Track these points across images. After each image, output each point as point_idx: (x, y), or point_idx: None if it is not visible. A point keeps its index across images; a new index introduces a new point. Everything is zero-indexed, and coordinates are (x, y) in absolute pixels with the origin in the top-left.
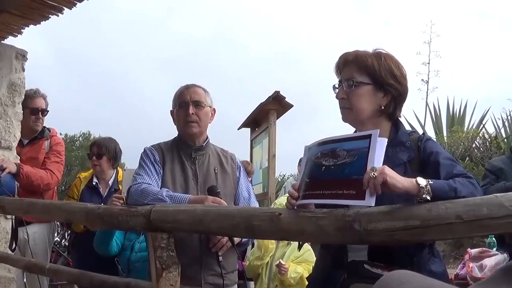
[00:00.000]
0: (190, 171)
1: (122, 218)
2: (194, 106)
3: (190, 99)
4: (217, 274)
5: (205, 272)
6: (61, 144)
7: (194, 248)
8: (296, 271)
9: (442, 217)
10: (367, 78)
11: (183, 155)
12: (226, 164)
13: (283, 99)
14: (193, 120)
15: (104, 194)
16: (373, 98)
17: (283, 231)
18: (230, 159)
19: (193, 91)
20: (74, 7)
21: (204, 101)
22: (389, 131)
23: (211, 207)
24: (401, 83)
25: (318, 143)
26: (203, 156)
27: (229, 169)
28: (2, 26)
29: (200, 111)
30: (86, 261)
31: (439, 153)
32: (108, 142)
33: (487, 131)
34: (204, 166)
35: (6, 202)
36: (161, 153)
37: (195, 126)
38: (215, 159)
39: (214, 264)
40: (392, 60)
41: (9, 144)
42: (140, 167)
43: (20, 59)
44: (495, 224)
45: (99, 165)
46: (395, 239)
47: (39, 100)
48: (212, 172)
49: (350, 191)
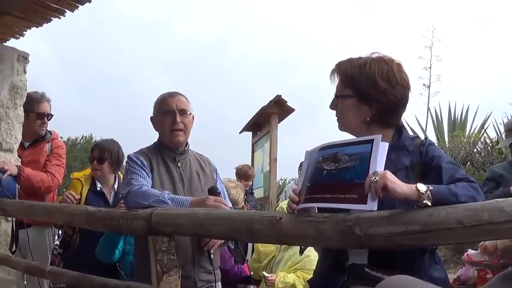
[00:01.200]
0: (176, 174)
1: (123, 221)
2: (180, 114)
3: (176, 108)
4: (208, 271)
5: (198, 270)
6: (62, 147)
7: (187, 248)
8: (284, 281)
9: (442, 222)
10: (350, 91)
11: (168, 159)
12: (205, 166)
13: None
14: (180, 128)
15: (110, 200)
16: (358, 110)
17: (283, 235)
18: (207, 162)
19: (178, 99)
20: (76, 9)
21: (188, 109)
22: (391, 137)
23: (212, 211)
24: (388, 94)
25: (319, 148)
26: (185, 159)
27: (208, 172)
28: (4, 28)
29: (185, 119)
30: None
31: (442, 157)
32: (111, 145)
33: (488, 136)
34: (188, 169)
35: (7, 204)
36: (147, 158)
37: (181, 135)
38: (195, 162)
39: (205, 262)
40: (378, 68)
41: (10, 146)
42: (131, 172)
43: (22, 61)
44: (496, 230)
45: (100, 170)
46: (395, 244)
47: (45, 105)
48: (195, 174)
49: (352, 195)
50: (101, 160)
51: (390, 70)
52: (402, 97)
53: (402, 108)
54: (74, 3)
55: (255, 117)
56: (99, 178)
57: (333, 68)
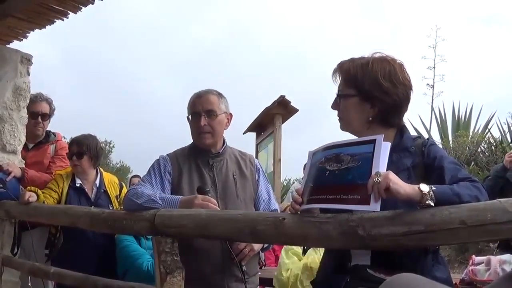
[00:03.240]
0: (209, 178)
1: (127, 223)
2: (207, 116)
3: (202, 109)
4: (240, 280)
5: (228, 279)
6: (66, 148)
7: (217, 256)
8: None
9: (445, 222)
10: (352, 90)
11: (200, 162)
12: (245, 167)
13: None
14: (206, 131)
15: (92, 196)
16: (360, 109)
17: (287, 236)
18: (249, 162)
19: (205, 100)
20: (79, 11)
21: (217, 109)
22: (393, 137)
23: (215, 212)
24: (390, 93)
25: (322, 148)
26: (221, 162)
27: (248, 173)
28: (8, 30)
29: (213, 121)
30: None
31: (443, 157)
32: (89, 140)
33: (492, 136)
34: (223, 172)
35: (11, 206)
36: (177, 163)
37: (209, 137)
38: (233, 163)
39: (237, 271)
40: (381, 67)
41: (14, 148)
42: (148, 174)
43: (25, 63)
44: (499, 229)
45: (80, 165)
46: (398, 244)
47: (39, 105)
48: (231, 177)
49: (355, 196)
50: (80, 154)
51: (393, 69)
52: (404, 96)
53: (404, 107)
54: (77, 5)
55: (259, 118)
56: (79, 174)
57: (335, 68)
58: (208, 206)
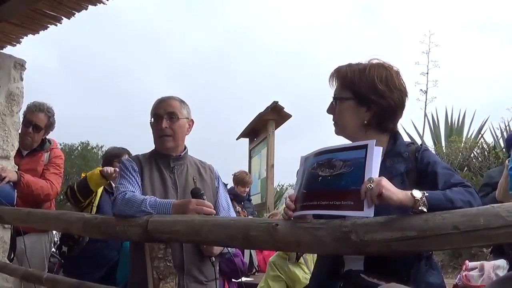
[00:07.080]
0: (169, 180)
1: (120, 229)
2: (168, 119)
3: (163, 112)
4: (199, 281)
5: (187, 279)
6: (61, 157)
7: (176, 257)
8: None
9: (439, 228)
10: (349, 93)
11: (162, 164)
12: (205, 173)
13: (281, 109)
14: (167, 134)
15: None
16: (356, 113)
17: (280, 242)
18: (208, 169)
19: (167, 104)
20: (73, 17)
21: (179, 113)
22: (386, 143)
23: (208, 218)
24: (386, 97)
25: (314, 154)
26: (181, 166)
27: (208, 179)
28: (1, 35)
29: (174, 124)
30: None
31: (437, 163)
32: (121, 152)
33: (485, 141)
34: (183, 175)
35: (4, 212)
36: (139, 163)
37: (170, 141)
38: (194, 169)
39: (196, 271)
40: (378, 72)
41: (7, 153)
42: (121, 177)
43: (18, 68)
44: (492, 235)
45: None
46: (392, 250)
47: (34, 115)
48: (191, 181)
49: (348, 202)
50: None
51: (389, 75)
52: (399, 101)
53: (399, 113)
54: (70, 11)
55: (252, 124)
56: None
57: (332, 72)
58: (202, 211)
